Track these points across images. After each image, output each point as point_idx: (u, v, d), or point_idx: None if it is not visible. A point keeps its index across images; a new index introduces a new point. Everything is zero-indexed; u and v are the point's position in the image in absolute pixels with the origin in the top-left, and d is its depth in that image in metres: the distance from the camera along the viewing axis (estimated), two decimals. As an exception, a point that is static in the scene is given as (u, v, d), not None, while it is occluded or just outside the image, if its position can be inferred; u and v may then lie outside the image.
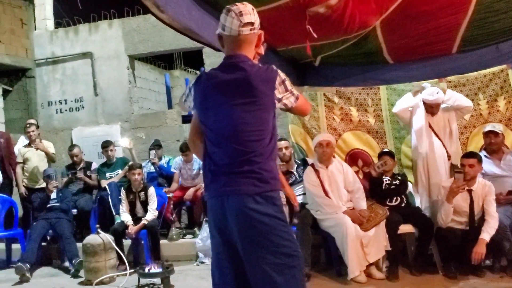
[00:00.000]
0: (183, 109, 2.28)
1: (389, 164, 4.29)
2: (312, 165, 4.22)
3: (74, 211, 5.38)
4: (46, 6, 7.73)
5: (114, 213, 5.16)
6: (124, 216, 4.79)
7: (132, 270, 4.30)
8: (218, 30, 1.97)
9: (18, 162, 5.73)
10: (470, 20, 2.86)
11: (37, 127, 5.95)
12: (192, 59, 9.52)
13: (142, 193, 4.91)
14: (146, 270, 3.91)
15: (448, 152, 4.30)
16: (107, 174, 5.74)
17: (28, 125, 5.82)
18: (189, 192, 5.35)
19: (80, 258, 4.51)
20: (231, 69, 1.91)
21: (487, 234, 3.60)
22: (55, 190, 5.06)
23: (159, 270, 3.89)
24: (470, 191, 3.80)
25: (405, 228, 4.02)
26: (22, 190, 5.70)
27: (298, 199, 4.51)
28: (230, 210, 1.85)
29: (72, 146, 5.99)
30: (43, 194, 5.24)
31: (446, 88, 4.36)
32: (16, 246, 5.18)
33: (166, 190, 5.45)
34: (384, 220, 3.93)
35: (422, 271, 3.90)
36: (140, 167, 5.05)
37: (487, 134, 4.26)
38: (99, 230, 4.40)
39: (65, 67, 7.48)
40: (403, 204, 4.24)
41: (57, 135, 7.39)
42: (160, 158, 5.94)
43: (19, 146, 6.00)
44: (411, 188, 4.58)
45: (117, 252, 4.45)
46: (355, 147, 5.11)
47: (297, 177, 4.60)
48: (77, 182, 5.78)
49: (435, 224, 3.92)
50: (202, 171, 2.04)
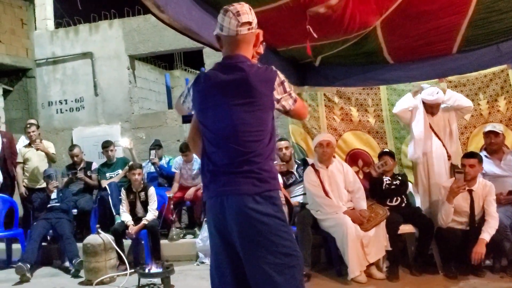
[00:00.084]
0: (179, 112, 2.25)
1: (389, 164, 4.29)
2: (313, 165, 4.22)
3: (75, 211, 5.38)
4: (47, 6, 7.72)
5: (114, 213, 5.16)
6: (125, 216, 4.79)
7: (132, 270, 4.30)
8: (216, 31, 1.97)
9: (18, 162, 5.74)
10: (471, 20, 2.86)
11: (38, 127, 5.94)
12: (193, 59, 9.51)
13: (142, 193, 4.91)
14: (146, 270, 3.91)
15: (448, 152, 4.29)
16: (108, 174, 5.74)
17: (29, 125, 5.82)
18: (190, 192, 5.35)
19: (80, 258, 4.51)
20: (230, 69, 1.91)
21: (487, 234, 3.61)
22: (55, 190, 5.05)
23: (159, 270, 3.89)
24: (470, 191, 3.80)
25: (405, 228, 4.02)
26: (22, 190, 5.71)
27: (298, 199, 4.52)
28: (230, 210, 1.85)
29: (73, 146, 5.99)
30: (44, 194, 5.24)
31: (446, 88, 4.36)
32: (17, 246, 5.19)
33: (169, 195, 5.40)
34: (385, 220, 3.94)
35: (422, 271, 3.90)
36: (140, 167, 5.05)
37: (487, 134, 4.26)
38: (99, 230, 4.40)
39: (65, 67, 7.48)
40: (403, 204, 4.24)
41: (57, 135, 7.39)
42: (160, 158, 5.94)
43: (20, 146, 5.99)
44: (411, 188, 4.57)
45: (117, 252, 4.45)
46: (356, 147, 5.11)
47: (297, 177, 4.60)
48: (78, 182, 5.78)
49: (435, 224, 3.92)
50: (200, 171, 2.03)
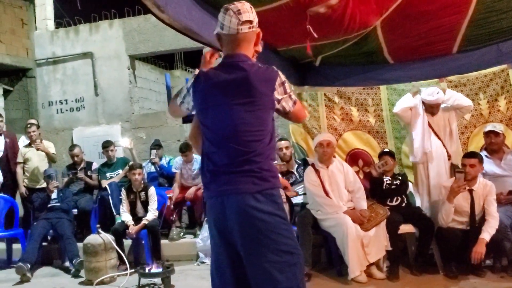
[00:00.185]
0: (173, 114, 2.21)
1: (389, 164, 4.29)
2: (313, 165, 4.22)
3: (75, 211, 5.38)
4: (47, 6, 7.73)
5: (114, 213, 5.15)
6: (125, 216, 4.79)
7: (133, 270, 4.30)
8: (216, 30, 1.95)
9: (18, 162, 5.74)
10: (471, 20, 2.87)
11: (38, 127, 5.95)
12: (193, 59, 9.49)
13: (142, 193, 4.91)
14: (147, 270, 3.91)
15: (448, 152, 4.30)
16: (108, 174, 5.74)
17: (29, 125, 5.83)
18: (190, 191, 5.34)
19: (80, 258, 4.51)
20: (231, 68, 1.89)
21: (487, 233, 3.61)
22: (55, 190, 5.05)
23: (160, 270, 3.89)
24: (471, 191, 3.80)
25: (406, 228, 4.02)
26: (23, 190, 5.70)
27: (299, 199, 4.52)
28: (230, 209, 1.84)
29: (73, 146, 5.99)
30: (44, 194, 5.24)
31: (446, 88, 4.36)
32: (17, 246, 5.19)
33: (170, 195, 5.41)
34: (385, 220, 3.93)
35: (423, 271, 3.89)
36: (141, 167, 5.05)
37: (487, 134, 4.26)
38: (99, 230, 4.40)
39: (65, 67, 7.49)
40: (403, 204, 4.24)
41: (57, 135, 7.40)
42: (160, 158, 5.94)
43: (20, 146, 6.00)
44: (412, 188, 4.57)
45: (118, 252, 4.45)
46: (356, 147, 5.11)
47: (298, 177, 4.60)
48: (78, 182, 5.78)
49: (435, 224, 3.92)
50: (200, 171, 2.03)
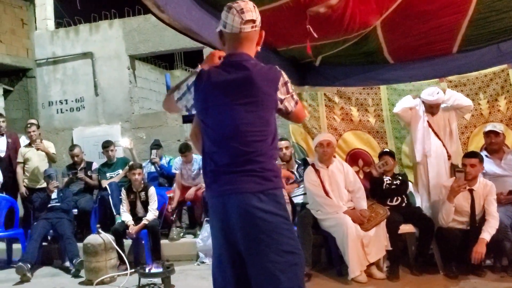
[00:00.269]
0: (168, 109, 2.13)
1: (389, 164, 4.29)
2: (313, 165, 4.22)
3: (75, 211, 5.38)
4: (47, 6, 7.74)
5: (114, 213, 5.16)
6: (125, 216, 4.79)
7: (133, 270, 4.30)
8: (218, 28, 1.94)
9: (18, 162, 5.74)
10: (471, 20, 2.87)
11: (38, 127, 5.95)
12: (193, 59, 9.49)
13: (142, 193, 4.91)
14: (147, 270, 3.91)
15: (448, 152, 4.30)
16: (108, 174, 5.74)
17: (29, 125, 5.83)
18: (190, 192, 5.34)
19: (80, 258, 4.51)
20: (233, 67, 1.87)
21: (487, 233, 3.61)
22: (55, 190, 5.05)
23: (160, 270, 3.89)
24: (471, 191, 3.80)
25: (406, 228, 4.02)
26: (23, 190, 5.70)
27: (299, 199, 4.52)
28: (233, 208, 1.83)
29: (73, 146, 5.99)
30: (44, 194, 5.23)
31: (446, 88, 4.37)
32: (17, 246, 5.19)
33: (170, 195, 5.42)
34: (385, 220, 3.93)
35: (423, 271, 3.89)
36: (141, 167, 5.06)
37: (487, 133, 4.26)
38: (99, 230, 4.40)
39: (65, 67, 7.49)
40: (403, 204, 4.24)
41: (57, 135, 7.40)
42: (160, 158, 5.94)
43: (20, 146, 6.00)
44: (412, 188, 4.58)
45: (118, 252, 4.45)
46: (356, 147, 5.11)
47: (298, 177, 4.60)
48: (78, 182, 5.78)
49: (435, 224, 3.92)
50: (202, 171, 2.02)
